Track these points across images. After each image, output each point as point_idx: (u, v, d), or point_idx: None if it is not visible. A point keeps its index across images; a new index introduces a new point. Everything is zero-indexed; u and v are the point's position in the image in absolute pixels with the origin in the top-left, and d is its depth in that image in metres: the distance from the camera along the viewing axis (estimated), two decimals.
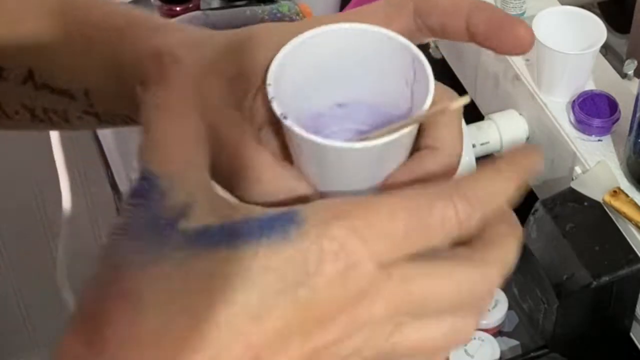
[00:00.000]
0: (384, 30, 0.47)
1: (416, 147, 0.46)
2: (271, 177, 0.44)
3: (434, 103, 0.45)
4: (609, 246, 0.91)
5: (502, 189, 0.42)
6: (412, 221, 0.39)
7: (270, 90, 0.45)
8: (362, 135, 0.47)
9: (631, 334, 0.96)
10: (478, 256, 0.41)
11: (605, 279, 0.89)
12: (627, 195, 0.92)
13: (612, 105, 0.99)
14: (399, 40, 0.47)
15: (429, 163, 0.45)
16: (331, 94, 0.49)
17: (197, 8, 1.26)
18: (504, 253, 0.42)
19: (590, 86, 1.02)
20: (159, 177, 0.39)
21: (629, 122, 0.93)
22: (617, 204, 0.92)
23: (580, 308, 0.92)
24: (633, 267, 0.90)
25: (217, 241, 0.38)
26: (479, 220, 0.41)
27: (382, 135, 0.44)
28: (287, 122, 0.44)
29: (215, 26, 1.00)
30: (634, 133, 0.92)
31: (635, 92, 0.92)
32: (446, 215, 0.40)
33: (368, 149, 0.44)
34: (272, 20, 1.01)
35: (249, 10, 1.07)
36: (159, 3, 1.26)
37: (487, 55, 1.09)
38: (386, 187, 0.45)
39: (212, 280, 0.37)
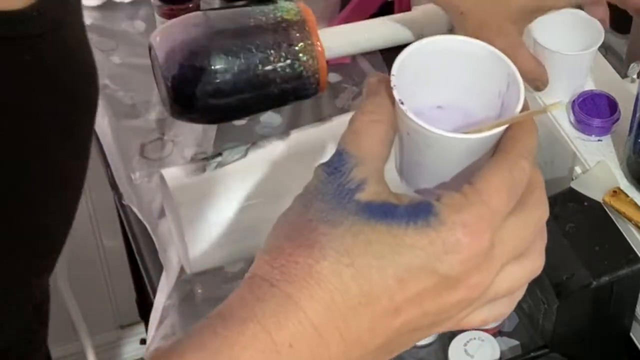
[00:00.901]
0: (486, 45, 0.54)
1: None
2: None
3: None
4: (609, 246, 0.91)
5: (533, 140, 0.53)
6: (511, 195, 0.51)
7: (393, 79, 0.53)
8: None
9: (631, 334, 0.96)
10: (530, 201, 0.52)
11: (605, 279, 0.89)
12: (627, 195, 0.92)
13: (612, 105, 0.99)
14: (498, 55, 0.54)
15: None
16: (433, 96, 0.56)
17: (197, 8, 1.26)
18: (541, 192, 0.53)
19: (590, 86, 1.02)
20: (351, 156, 0.52)
21: (629, 122, 0.93)
22: (617, 204, 0.92)
23: (580, 308, 0.92)
24: (633, 267, 0.90)
25: (379, 216, 0.50)
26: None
27: (479, 131, 0.52)
28: (403, 107, 0.52)
29: (215, 27, 1.00)
30: (634, 133, 0.92)
31: (635, 92, 0.92)
32: (524, 179, 0.52)
33: (470, 141, 0.52)
34: (273, 21, 1.00)
35: (249, 11, 1.06)
36: (158, 3, 1.26)
37: None
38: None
39: (371, 245, 0.50)
